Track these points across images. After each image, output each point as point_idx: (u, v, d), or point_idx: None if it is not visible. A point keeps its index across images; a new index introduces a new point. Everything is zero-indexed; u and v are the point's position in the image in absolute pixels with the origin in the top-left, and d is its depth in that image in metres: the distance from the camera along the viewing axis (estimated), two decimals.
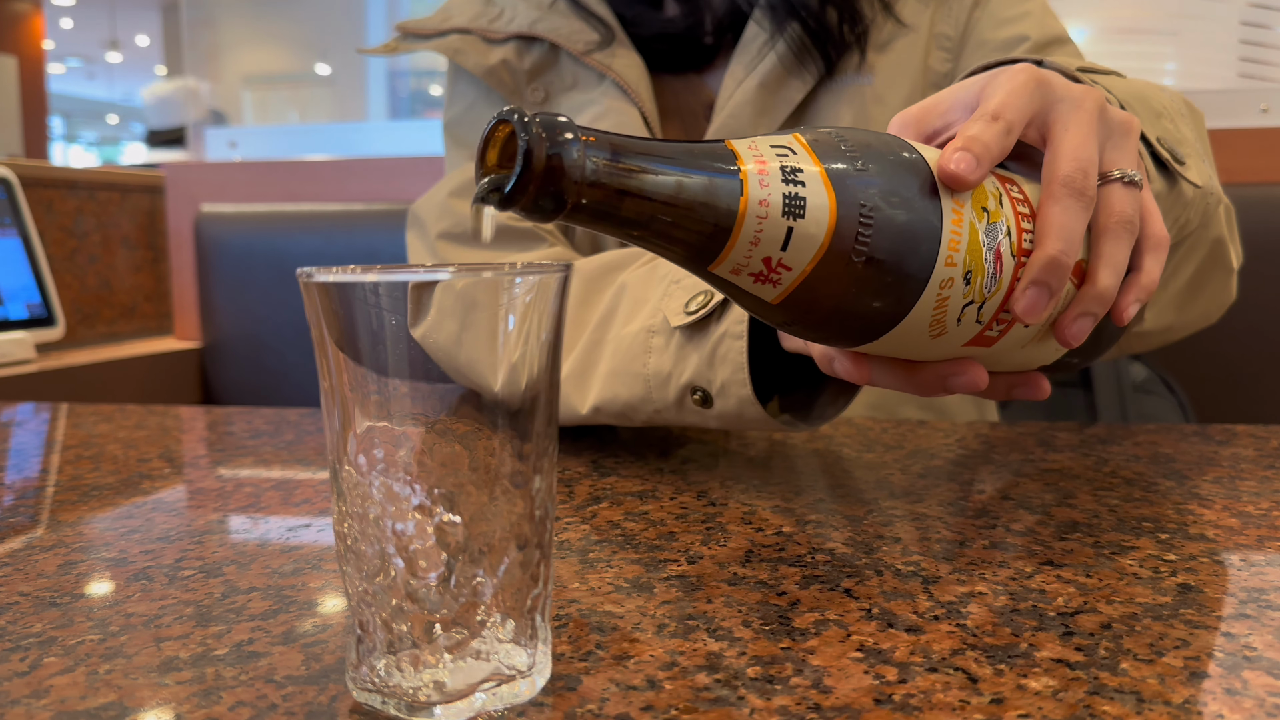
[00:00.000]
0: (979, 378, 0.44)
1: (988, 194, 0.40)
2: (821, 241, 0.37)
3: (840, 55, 0.77)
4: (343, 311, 0.30)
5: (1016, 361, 0.47)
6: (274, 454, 0.70)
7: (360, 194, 1.52)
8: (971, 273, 0.39)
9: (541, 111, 0.34)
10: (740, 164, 0.36)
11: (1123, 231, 0.43)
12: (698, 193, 0.35)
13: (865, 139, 0.39)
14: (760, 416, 0.55)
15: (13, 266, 1.35)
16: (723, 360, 0.56)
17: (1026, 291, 0.40)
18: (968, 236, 0.39)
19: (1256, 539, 0.46)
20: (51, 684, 0.33)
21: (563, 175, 0.33)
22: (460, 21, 0.84)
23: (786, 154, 0.37)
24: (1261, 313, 1.11)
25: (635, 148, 0.35)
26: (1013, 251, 0.40)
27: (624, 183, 0.34)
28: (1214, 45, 1.62)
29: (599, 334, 0.64)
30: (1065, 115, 0.43)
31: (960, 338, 0.42)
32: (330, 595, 0.41)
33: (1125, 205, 0.43)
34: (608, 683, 0.32)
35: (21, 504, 0.58)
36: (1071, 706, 0.30)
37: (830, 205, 0.37)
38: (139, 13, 11.73)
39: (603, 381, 0.62)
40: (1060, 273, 0.40)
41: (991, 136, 0.40)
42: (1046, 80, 0.43)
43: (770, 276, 0.37)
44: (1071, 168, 0.41)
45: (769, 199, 0.36)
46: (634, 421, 0.63)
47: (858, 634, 0.36)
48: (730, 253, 0.36)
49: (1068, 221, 0.40)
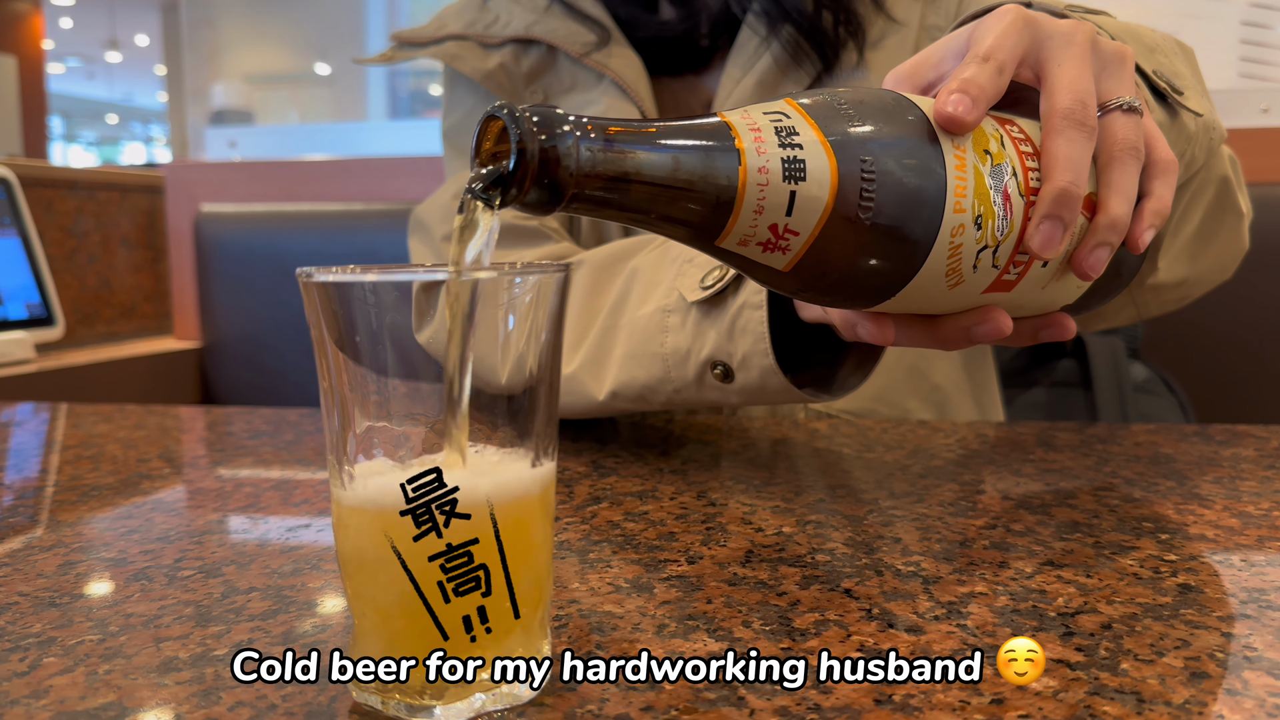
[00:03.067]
0: (1003, 323, 0.44)
1: (988, 136, 0.40)
2: (826, 202, 0.36)
3: (836, 55, 0.77)
4: (342, 311, 0.30)
5: (1038, 303, 0.46)
6: (273, 454, 0.70)
7: (360, 194, 1.52)
8: (982, 216, 0.39)
9: (533, 105, 0.33)
10: (735, 134, 0.36)
11: (1128, 158, 0.42)
12: (696, 168, 0.35)
13: (859, 95, 0.39)
14: (784, 387, 0.55)
15: (12, 266, 1.35)
16: (743, 331, 0.55)
17: (1040, 227, 0.40)
18: (973, 180, 0.39)
19: (1257, 539, 0.46)
20: (51, 684, 0.33)
21: (558, 166, 0.33)
22: (456, 28, 0.84)
23: (781, 119, 0.37)
24: (1262, 313, 1.11)
25: (629, 132, 0.34)
26: (1020, 191, 0.40)
27: (621, 168, 0.34)
28: (1214, 45, 1.62)
29: (612, 320, 0.64)
30: (1057, 50, 0.42)
31: (979, 285, 0.41)
32: (330, 595, 0.41)
33: (1128, 131, 0.43)
34: (607, 683, 0.32)
35: (21, 504, 0.57)
36: (1072, 707, 0.30)
37: (830, 165, 0.36)
38: (138, 12, 11.73)
39: (619, 365, 0.62)
40: (1071, 204, 0.40)
41: (985, 77, 0.40)
42: (1034, 19, 0.43)
43: (779, 244, 0.37)
44: (1070, 100, 0.41)
45: (768, 165, 0.36)
46: (652, 405, 0.62)
47: (858, 634, 0.36)
48: (735, 224, 0.36)
49: (1073, 153, 0.40)
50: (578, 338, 0.66)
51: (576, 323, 0.66)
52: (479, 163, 0.35)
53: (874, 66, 0.78)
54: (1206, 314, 0.75)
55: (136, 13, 11.75)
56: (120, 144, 15.85)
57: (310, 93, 5.03)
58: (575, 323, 0.66)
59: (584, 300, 0.66)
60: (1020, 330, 0.47)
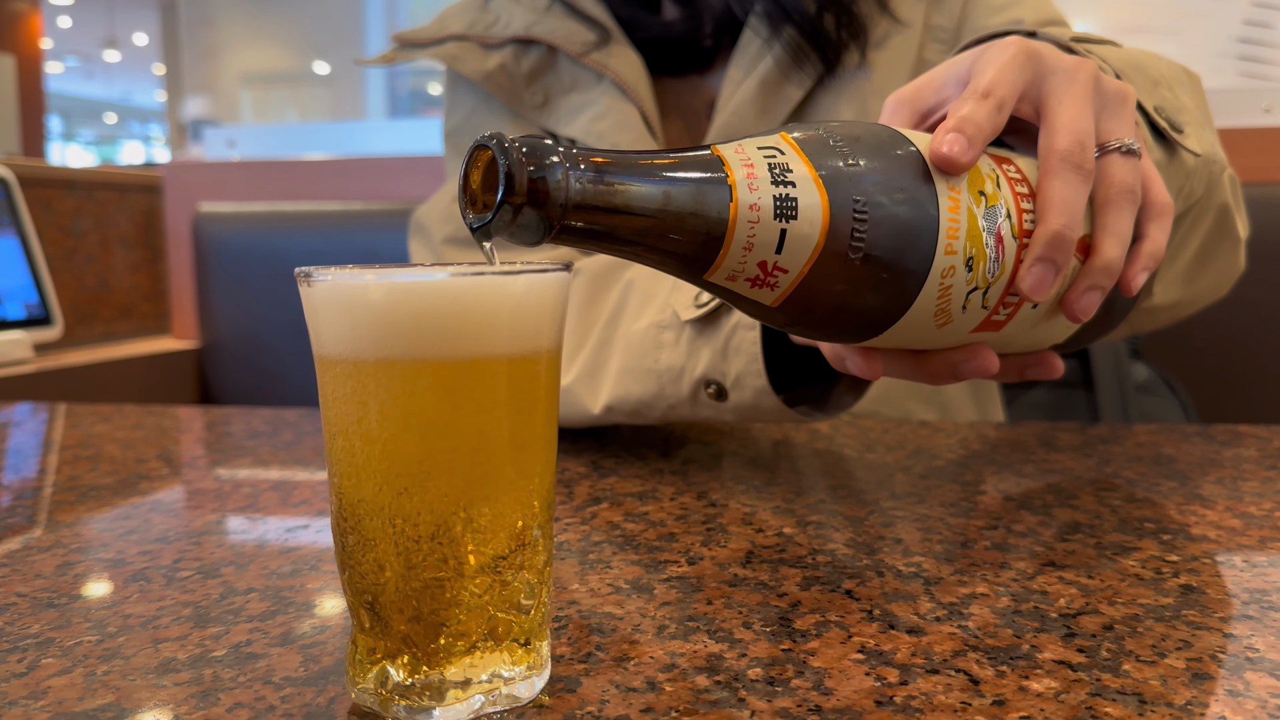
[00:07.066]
0: (989, 363, 0.44)
1: (984, 176, 0.40)
2: (817, 241, 0.36)
3: (838, 56, 0.77)
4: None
5: (1027, 342, 0.46)
6: (272, 454, 0.70)
7: (359, 193, 1.52)
8: (973, 259, 0.39)
9: (523, 136, 0.33)
10: (728, 170, 0.35)
11: (1124, 201, 0.42)
12: (686, 203, 0.34)
13: (854, 132, 0.38)
14: (777, 407, 0.55)
15: (10, 266, 1.34)
16: (736, 352, 0.55)
17: (1032, 269, 0.40)
18: (966, 222, 0.38)
19: (1259, 540, 0.46)
20: (49, 685, 0.33)
21: (547, 199, 0.32)
22: (457, 28, 0.84)
23: (774, 154, 0.36)
24: (1263, 313, 1.11)
25: (619, 164, 0.34)
26: (1014, 233, 0.40)
27: (610, 201, 0.33)
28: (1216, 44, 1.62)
29: (608, 331, 0.64)
30: (1059, 88, 0.42)
31: (967, 324, 0.41)
32: (329, 596, 0.41)
33: (1125, 175, 0.42)
34: (608, 684, 0.32)
35: (19, 504, 0.57)
36: (1073, 708, 0.30)
37: (823, 203, 0.36)
38: (137, 11, 11.72)
39: (614, 379, 0.62)
40: (1065, 248, 0.40)
41: (983, 115, 0.40)
42: (1037, 52, 0.43)
43: (768, 280, 0.37)
44: (1068, 141, 0.40)
45: (759, 203, 0.35)
46: (647, 419, 0.62)
47: (859, 635, 0.36)
48: (724, 260, 0.36)
49: (1068, 196, 0.40)
50: (574, 349, 0.66)
51: (573, 333, 0.66)
52: (467, 196, 0.34)
53: (877, 66, 0.78)
54: (1208, 314, 0.75)
55: (135, 12, 11.75)
56: (119, 143, 15.84)
57: (309, 92, 5.03)
58: (571, 333, 0.66)
59: (580, 310, 0.66)
60: (1007, 367, 0.47)
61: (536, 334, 0.31)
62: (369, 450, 0.30)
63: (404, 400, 0.29)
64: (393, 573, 0.30)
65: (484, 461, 0.30)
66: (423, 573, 0.30)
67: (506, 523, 0.31)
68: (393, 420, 0.29)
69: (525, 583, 0.31)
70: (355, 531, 0.31)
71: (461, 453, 0.30)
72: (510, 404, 0.30)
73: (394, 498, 0.30)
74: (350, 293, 0.30)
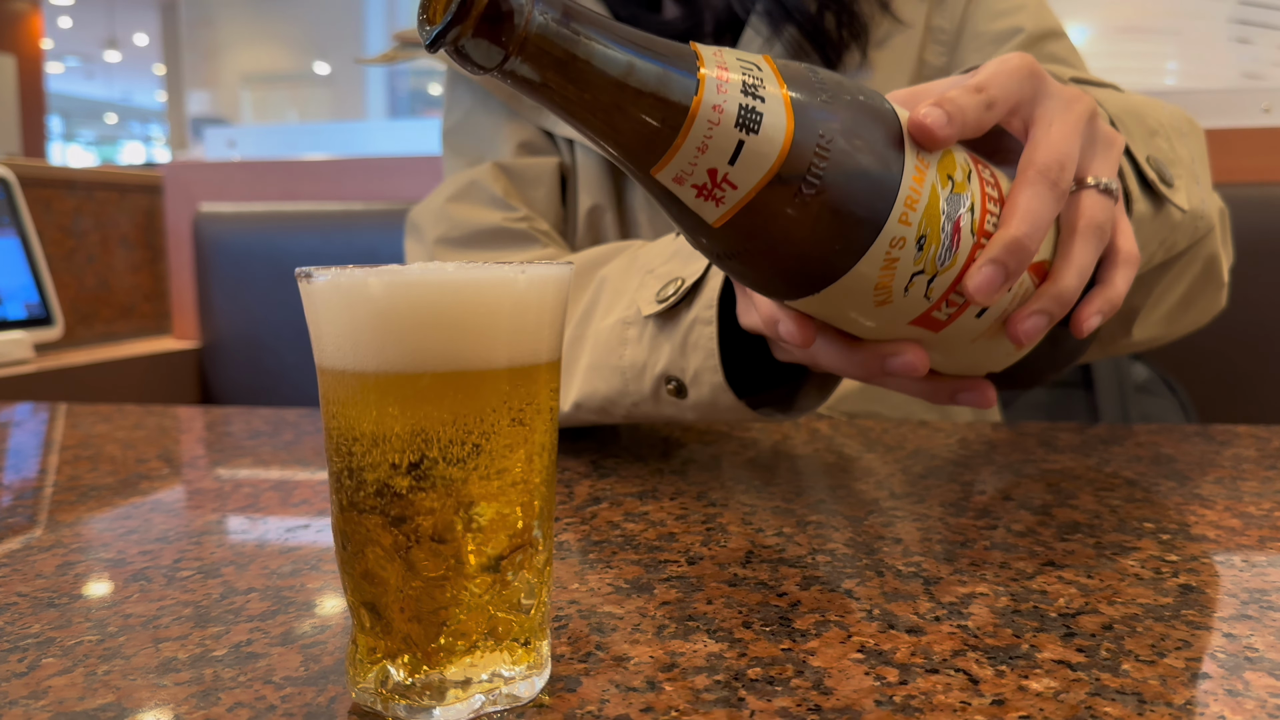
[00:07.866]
0: (918, 360, 0.43)
1: (956, 164, 0.39)
2: (772, 162, 0.35)
3: (839, 56, 0.77)
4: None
5: (965, 359, 0.45)
6: (272, 454, 0.70)
7: (359, 193, 1.52)
8: (926, 238, 0.38)
9: None
10: (701, 64, 0.34)
11: (1091, 234, 0.42)
12: (649, 80, 0.33)
13: (838, 78, 0.37)
14: (734, 405, 0.54)
15: (11, 266, 1.35)
16: (694, 347, 0.55)
17: (982, 269, 0.39)
18: (927, 198, 0.37)
19: (1258, 540, 0.46)
20: (50, 685, 0.33)
21: (507, 20, 0.31)
22: None
23: (752, 69, 0.35)
24: (1262, 313, 1.11)
25: (593, 16, 0.33)
26: (973, 229, 0.39)
27: (570, 48, 0.32)
28: (1216, 44, 1.62)
29: (580, 329, 0.63)
30: (1052, 110, 0.42)
31: (906, 313, 0.40)
32: (329, 596, 0.41)
33: (1098, 211, 0.42)
34: (608, 684, 0.32)
35: (20, 504, 0.57)
36: (1073, 708, 0.30)
37: (787, 127, 0.35)
38: (137, 12, 11.73)
39: (583, 376, 0.61)
40: (1020, 255, 0.39)
41: (969, 103, 0.39)
42: (1042, 73, 0.42)
43: (714, 192, 0.35)
44: (1049, 157, 0.40)
45: (724, 105, 0.34)
46: (614, 417, 0.62)
47: (858, 635, 0.36)
48: (675, 156, 0.34)
49: (1036, 207, 0.39)
50: None
51: None
52: (428, 12, 0.32)
53: (878, 66, 0.78)
54: None
55: (135, 12, 11.75)
56: (119, 143, 15.84)
57: (309, 92, 5.03)
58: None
59: None
60: (939, 387, 0.47)
61: (538, 331, 0.31)
62: (369, 450, 0.30)
63: (404, 398, 0.29)
64: (393, 572, 0.30)
65: (484, 461, 0.30)
66: (423, 572, 0.30)
67: (507, 523, 0.31)
68: (393, 419, 0.29)
69: (525, 582, 0.31)
70: (356, 531, 0.31)
71: (462, 452, 0.30)
72: (511, 402, 0.30)
73: (394, 497, 0.30)
74: (350, 290, 0.30)
